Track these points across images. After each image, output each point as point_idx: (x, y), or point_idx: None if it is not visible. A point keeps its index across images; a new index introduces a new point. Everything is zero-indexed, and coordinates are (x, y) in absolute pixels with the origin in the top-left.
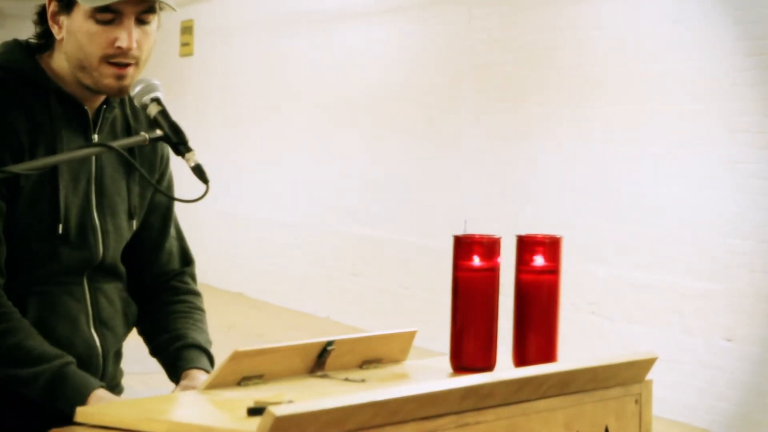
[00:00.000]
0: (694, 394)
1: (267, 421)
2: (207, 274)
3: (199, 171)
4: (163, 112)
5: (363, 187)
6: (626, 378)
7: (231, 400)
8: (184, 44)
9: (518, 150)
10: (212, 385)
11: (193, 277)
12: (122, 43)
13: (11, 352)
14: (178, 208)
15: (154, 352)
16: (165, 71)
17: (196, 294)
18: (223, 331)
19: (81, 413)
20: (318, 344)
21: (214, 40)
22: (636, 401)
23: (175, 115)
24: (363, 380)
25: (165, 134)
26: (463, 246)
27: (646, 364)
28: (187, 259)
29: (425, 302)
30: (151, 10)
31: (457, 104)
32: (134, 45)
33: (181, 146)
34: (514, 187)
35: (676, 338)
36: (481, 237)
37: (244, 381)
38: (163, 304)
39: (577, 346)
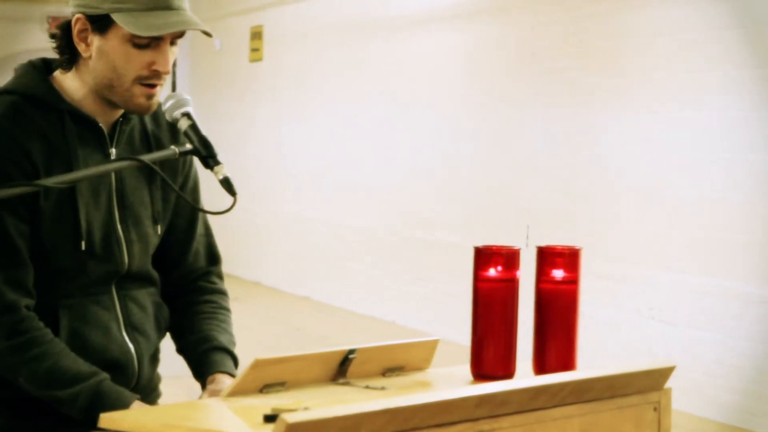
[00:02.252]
0: (754, 399)
1: (280, 428)
2: (274, 277)
3: (227, 184)
4: (194, 126)
5: (430, 192)
6: (644, 386)
7: (251, 407)
8: (254, 50)
9: (581, 156)
10: (234, 392)
11: (220, 276)
12: (160, 67)
13: (48, 375)
14: (241, 211)
15: (180, 351)
16: (235, 77)
17: (222, 293)
18: (290, 334)
19: (104, 419)
20: (340, 352)
21: (284, 45)
22: (655, 409)
23: (245, 121)
24: (383, 388)
25: (194, 148)
26: (483, 257)
27: (665, 373)
28: (214, 258)
29: None
30: (183, 33)
31: (521, 110)
32: (170, 69)
33: (210, 159)
34: (577, 193)
35: (738, 344)
36: (500, 248)
37: (266, 388)
38: (190, 304)
39: (638, 350)
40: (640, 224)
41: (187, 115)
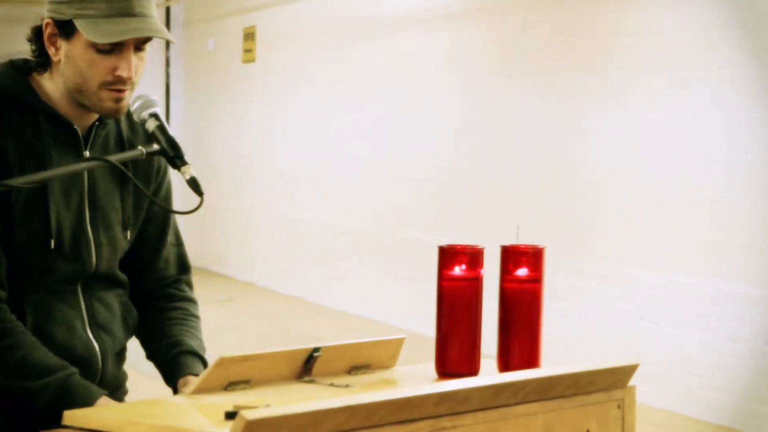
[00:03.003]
0: (739, 398)
1: (239, 425)
2: (267, 278)
3: (194, 184)
4: (161, 127)
5: (419, 192)
6: (608, 384)
7: (214, 404)
8: (247, 50)
9: (570, 155)
10: (199, 390)
11: (190, 285)
12: (122, 72)
13: (18, 367)
14: (234, 211)
15: (150, 357)
16: (228, 77)
17: (192, 301)
18: (281, 334)
19: (68, 417)
20: (305, 351)
21: (277, 46)
22: (618, 406)
23: (238, 121)
24: (347, 385)
25: (162, 148)
26: (448, 256)
27: (628, 371)
28: (184, 267)
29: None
30: (149, 39)
31: (510, 110)
32: (134, 74)
33: (177, 160)
34: (567, 193)
35: (723, 343)
36: (464, 247)
37: (230, 386)
38: (159, 311)
39: (625, 349)
40: (628, 224)
41: (155, 115)
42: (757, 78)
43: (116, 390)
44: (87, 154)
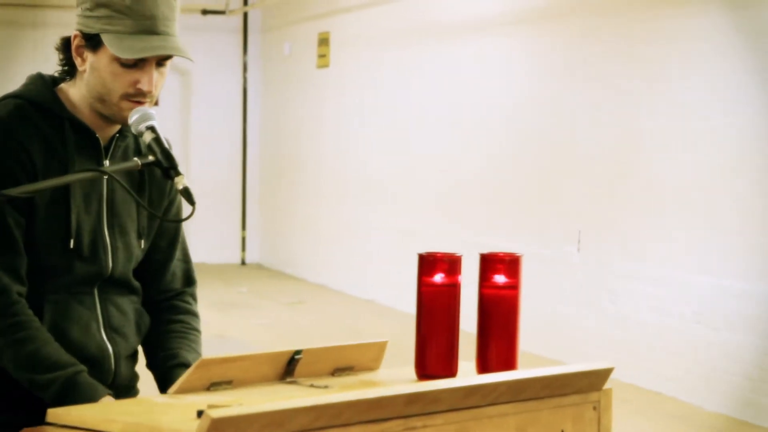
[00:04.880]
0: None
1: (204, 423)
2: (339, 280)
3: (186, 193)
4: (157, 139)
5: (484, 197)
6: (582, 386)
7: (193, 404)
8: (321, 56)
9: (628, 161)
10: (181, 390)
11: (194, 297)
12: (143, 86)
13: (30, 359)
14: (307, 214)
15: (148, 367)
16: (302, 82)
17: (194, 315)
18: (348, 336)
19: (51, 414)
20: (286, 353)
21: (350, 51)
22: (594, 408)
23: (312, 126)
24: (326, 386)
25: (156, 159)
26: (427, 263)
27: (603, 374)
28: (190, 281)
29: (537, 310)
30: (170, 56)
31: (571, 116)
32: (154, 88)
33: (171, 170)
34: (624, 198)
35: None
36: (443, 255)
37: (213, 386)
38: (162, 322)
39: (682, 354)
40: (684, 229)
41: (152, 128)
42: None
43: (128, 391)
44: (106, 163)
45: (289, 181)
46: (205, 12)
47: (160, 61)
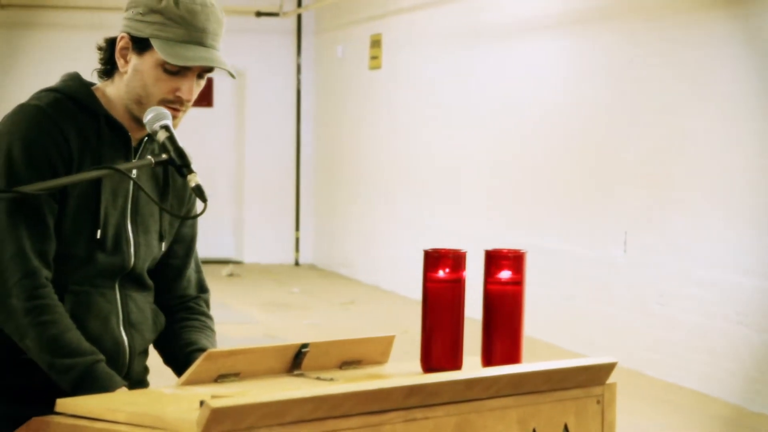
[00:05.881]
0: None
1: (204, 413)
2: (391, 281)
3: (199, 191)
4: (171, 138)
5: (532, 198)
6: (584, 380)
7: (199, 395)
8: (373, 57)
9: (674, 162)
10: (188, 382)
11: (207, 304)
12: (183, 94)
13: (52, 342)
14: (361, 215)
15: (167, 361)
16: (354, 84)
17: (209, 317)
18: (398, 334)
19: (60, 404)
20: (294, 346)
21: (402, 53)
22: (598, 402)
23: (365, 127)
24: (332, 379)
25: (170, 158)
26: (432, 259)
27: (606, 369)
28: (203, 288)
29: (583, 311)
30: (211, 69)
31: (617, 118)
32: (193, 97)
33: (184, 168)
34: (670, 199)
35: None
36: (448, 251)
37: (220, 378)
38: (178, 320)
39: (726, 355)
40: (728, 231)
41: (166, 127)
42: None
43: (140, 384)
44: (132, 162)
45: (342, 182)
46: (259, 14)
47: (201, 73)
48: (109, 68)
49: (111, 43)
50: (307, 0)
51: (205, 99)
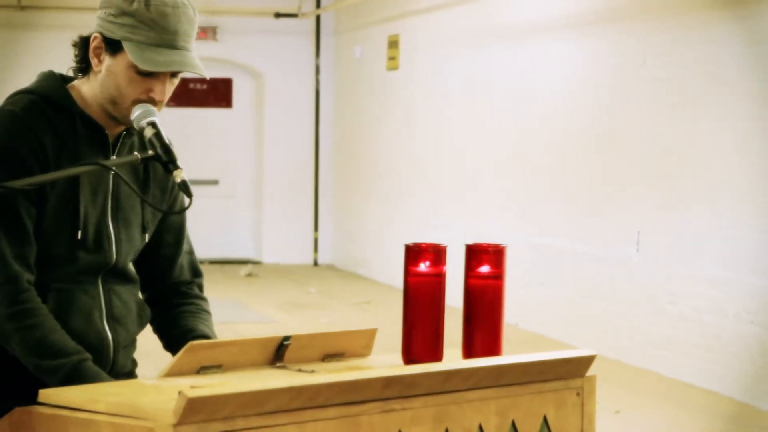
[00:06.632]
0: None
1: (181, 402)
2: None
3: (184, 186)
4: (157, 134)
5: (546, 197)
6: (564, 373)
7: (179, 386)
8: (391, 58)
9: (687, 163)
10: (171, 374)
11: (201, 287)
12: (156, 95)
13: (37, 345)
14: (377, 215)
15: (166, 347)
16: (372, 85)
17: (203, 299)
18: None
19: (43, 395)
20: (276, 339)
21: (419, 54)
22: (578, 394)
23: (382, 127)
24: (313, 371)
25: (156, 154)
26: (413, 253)
27: (585, 361)
28: (196, 272)
29: (596, 310)
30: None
31: (631, 118)
32: (165, 98)
33: (170, 164)
34: (683, 199)
35: None
36: (429, 245)
37: (202, 370)
38: (174, 306)
39: (738, 354)
40: (740, 231)
41: (152, 124)
42: None
43: (127, 377)
44: (113, 158)
45: (360, 182)
46: (278, 15)
47: (174, 73)
48: (84, 66)
49: (85, 41)
50: (326, 1)
51: (225, 100)
